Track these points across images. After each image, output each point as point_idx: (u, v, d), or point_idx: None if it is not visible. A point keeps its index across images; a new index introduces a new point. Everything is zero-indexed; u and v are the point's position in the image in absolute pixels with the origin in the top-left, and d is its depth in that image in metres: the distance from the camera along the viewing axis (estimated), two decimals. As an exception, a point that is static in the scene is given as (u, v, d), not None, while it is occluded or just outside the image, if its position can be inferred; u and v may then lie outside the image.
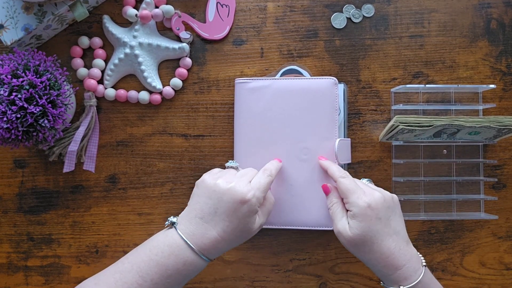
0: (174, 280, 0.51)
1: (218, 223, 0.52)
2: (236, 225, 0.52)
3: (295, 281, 0.68)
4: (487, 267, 0.69)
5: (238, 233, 0.53)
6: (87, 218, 0.69)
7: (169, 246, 0.52)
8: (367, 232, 0.52)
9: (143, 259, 0.52)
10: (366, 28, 0.68)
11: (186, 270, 0.52)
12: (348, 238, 0.53)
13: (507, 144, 0.69)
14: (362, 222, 0.52)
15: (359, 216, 0.52)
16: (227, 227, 0.52)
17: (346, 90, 0.67)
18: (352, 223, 0.53)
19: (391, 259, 0.52)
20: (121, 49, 0.66)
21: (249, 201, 0.52)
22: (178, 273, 0.51)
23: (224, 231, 0.52)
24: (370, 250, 0.52)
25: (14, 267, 0.69)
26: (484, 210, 0.69)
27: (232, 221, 0.52)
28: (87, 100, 0.67)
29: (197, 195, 0.55)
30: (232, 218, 0.52)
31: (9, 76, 0.56)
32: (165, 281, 0.51)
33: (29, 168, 0.69)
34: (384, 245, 0.52)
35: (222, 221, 0.52)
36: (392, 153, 0.68)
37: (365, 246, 0.52)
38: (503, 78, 0.68)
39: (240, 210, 0.52)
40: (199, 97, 0.68)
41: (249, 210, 0.52)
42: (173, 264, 0.51)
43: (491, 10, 0.68)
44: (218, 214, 0.52)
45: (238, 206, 0.52)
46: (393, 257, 0.52)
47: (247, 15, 0.68)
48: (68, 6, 0.61)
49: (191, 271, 0.52)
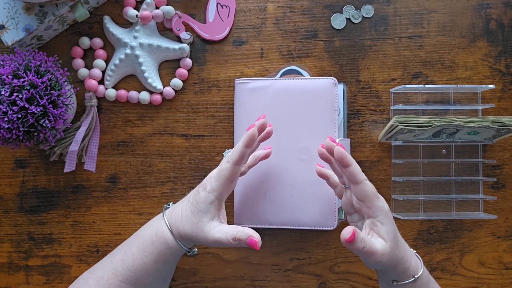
0: (151, 254, 0.52)
1: (185, 202, 0.54)
2: (192, 208, 0.52)
3: (295, 281, 0.68)
4: (486, 267, 0.69)
5: (191, 220, 0.52)
6: (87, 218, 0.69)
7: (153, 220, 0.56)
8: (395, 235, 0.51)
9: (132, 237, 0.55)
10: (366, 29, 0.68)
11: (159, 243, 0.52)
12: (388, 251, 0.49)
13: (506, 144, 0.69)
14: (389, 226, 0.50)
15: (386, 222, 0.50)
16: (186, 206, 0.53)
17: (346, 90, 0.67)
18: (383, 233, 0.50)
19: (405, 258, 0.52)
20: (121, 50, 0.66)
21: (205, 187, 0.53)
22: (153, 246, 0.52)
23: (183, 208, 0.53)
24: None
25: (15, 266, 0.69)
26: (483, 210, 0.69)
27: (190, 202, 0.53)
28: (88, 101, 0.67)
29: None
30: (192, 200, 0.53)
31: (10, 76, 0.56)
32: (143, 255, 0.52)
33: (30, 168, 0.69)
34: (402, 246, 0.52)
35: (187, 200, 0.54)
36: (391, 153, 0.68)
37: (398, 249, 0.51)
38: (502, 78, 0.69)
39: (199, 194, 0.53)
40: (199, 97, 0.69)
41: (205, 197, 0.52)
42: (149, 234, 0.53)
43: (490, 11, 0.68)
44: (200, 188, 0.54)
45: (200, 190, 0.53)
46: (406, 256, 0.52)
47: (247, 15, 0.68)
48: (69, 7, 0.61)
49: (164, 249, 0.53)
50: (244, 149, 0.52)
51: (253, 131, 0.52)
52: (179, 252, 0.54)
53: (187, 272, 0.69)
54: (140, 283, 0.53)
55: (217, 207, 0.53)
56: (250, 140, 0.52)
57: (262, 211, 0.64)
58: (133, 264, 0.53)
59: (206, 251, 0.69)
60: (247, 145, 0.52)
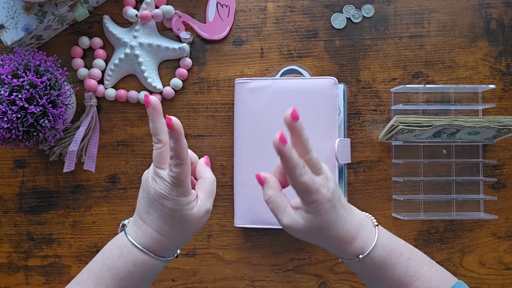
0: (129, 283, 0.48)
1: (153, 220, 0.47)
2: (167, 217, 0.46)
3: (295, 281, 0.68)
4: (487, 267, 0.69)
5: (177, 226, 0.47)
6: (87, 218, 0.69)
7: (118, 247, 0.49)
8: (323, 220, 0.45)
9: (98, 265, 0.49)
10: (366, 29, 0.68)
11: (139, 272, 0.48)
12: (301, 228, 0.46)
13: (506, 144, 0.69)
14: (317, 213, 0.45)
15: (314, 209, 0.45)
16: (161, 223, 0.47)
17: (346, 90, 0.67)
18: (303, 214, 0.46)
19: (346, 235, 0.46)
20: (121, 49, 0.66)
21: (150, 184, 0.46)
22: (131, 275, 0.48)
23: (160, 228, 0.47)
24: (324, 236, 0.47)
25: (14, 266, 0.69)
26: (484, 210, 0.69)
27: (159, 213, 0.46)
28: (87, 100, 0.67)
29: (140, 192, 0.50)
30: (157, 209, 0.46)
31: (10, 76, 0.56)
32: (119, 285, 0.48)
33: (29, 168, 0.69)
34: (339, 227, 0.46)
35: (154, 215, 0.47)
36: (391, 153, 0.68)
37: (320, 232, 0.46)
38: (502, 78, 0.68)
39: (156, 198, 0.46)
40: (199, 97, 0.68)
41: (160, 195, 0.45)
42: (124, 266, 0.48)
43: (491, 10, 0.68)
44: (151, 209, 0.47)
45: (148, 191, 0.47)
46: (348, 232, 0.46)
47: (247, 15, 0.68)
48: (68, 7, 0.61)
49: (145, 272, 0.48)
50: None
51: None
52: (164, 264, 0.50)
53: (187, 272, 0.68)
54: None
55: None
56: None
57: (262, 211, 0.63)
58: None
59: (206, 252, 0.69)
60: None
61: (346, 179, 0.67)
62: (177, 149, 0.44)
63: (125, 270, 0.48)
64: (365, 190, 0.68)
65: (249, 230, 0.68)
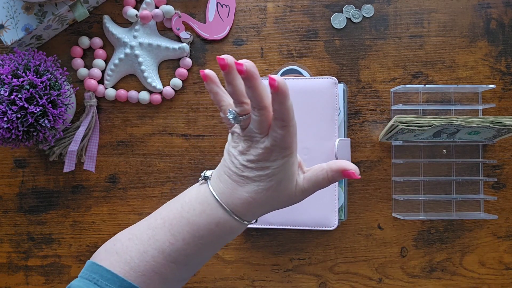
0: (208, 241, 0.46)
1: (247, 182, 0.44)
2: (268, 184, 0.44)
3: (295, 281, 0.68)
4: (487, 267, 0.69)
5: (273, 193, 0.44)
6: (87, 218, 0.69)
7: (201, 203, 0.46)
8: None
9: (175, 216, 0.46)
10: (366, 28, 0.68)
11: (220, 231, 0.45)
12: None
13: (506, 144, 0.69)
14: None
15: None
16: (258, 187, 0.44)
17: (346, 90, 0.67)
18: None
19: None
20: (121, 49, 0.66)
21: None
22: (211, 234, 0.45)
23: (255, 191, 0.44)
24: None
25: (14, 266, 0.69)
26: (484, 210, 0.69)
27: (262, 179, 0.44)
28: (87, 100, 0.67)
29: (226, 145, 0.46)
30: None
31: (10, 76, 0.56)
32: (197, 242, 0.45)
33: (29, 168, 0.69)
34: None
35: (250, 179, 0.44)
36: (391, 153, 0.68)
37: None
38: (502, 78, 0.68)
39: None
40: (199, 97, 0.68)
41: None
42: (205, 224, 0.45)
43: (491, 10, 0.68)
44: None
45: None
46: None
47: (247, 15, 0.68)
48: (68, 6, 0.61)
49: (226, 233, 0.46)
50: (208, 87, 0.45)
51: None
52: (245, 227, 0.47)
53: (187, 272, 0.68)
54: (193, 263, 0.47)
55: None
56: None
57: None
58: (185, 249, 0.46)
59: (206, 251, 0.69)
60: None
61: (346, 179, 0.67)
62: (283, 111, 0.41)
63: (207, 228, 0.45)
64: (365, 190, 0.68)
65: (249, 230, 0.68)
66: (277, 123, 0.42)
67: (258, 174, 0.44)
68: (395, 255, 0.68)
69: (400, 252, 0.68)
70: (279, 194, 0.45)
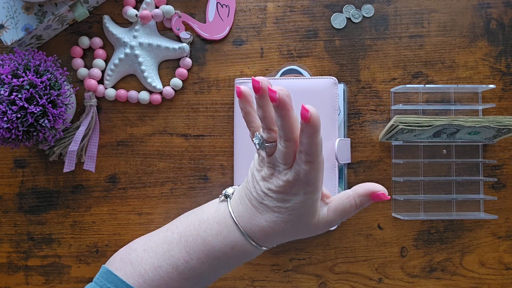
0: (223, 262, 0.45)
1: (267, 211, 0.43)
2: (287, 217, 0.42)
3: (295, 281, 0.68)
4: (487, 267, 0.69)
5: (293, 227, 0.43)
6: (87, 218, 0.69)
7: (218, 223, 0.45)
8: None
9: (192, 233, 0.45)
10: (366, 28, 0.68)
11: (234, 256, 0.45)
12: None
13: (506, 144, 0.69)
14: None
15: None
16: (277, 218, 0.43)
17: (346, 90, 0.67)
18: None
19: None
20: (121, 49, 0.66)
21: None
22: (225, 256, 0.45)
23: (273, 222, 0.43)
24: None
25: (14, 266, 0.69)
26: (484, 210, 0.69)
27: (281, 211, 0.42)
28: (87, 100, 0.67)
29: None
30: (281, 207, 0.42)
31: (10, 76, 0.56)
32: (212, 262, 0.45)
33: (29, 168, 0.69)
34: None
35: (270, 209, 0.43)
36: (391, 153, 0.68)
37: None
38: (502, 78, 0.68)
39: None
40: (199, 97, 0.68)
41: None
42: (221, 246, 0.44)
43: (491, 10, 0.68)
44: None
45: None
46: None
47: (247, 15, 0.68)
48: (68, 6, 0.61)
49: (241, 257, 0.45)
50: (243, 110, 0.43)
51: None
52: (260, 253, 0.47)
53: (187, 272, 0.68)
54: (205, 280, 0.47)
55: None
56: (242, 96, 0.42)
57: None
58: (199, 268, 0.45)
59: (206, 251, 0.69)
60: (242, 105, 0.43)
61: (346, 179, 0.67)
62: (311, 145, 0.38)
63: (222, 251, 0.44)
64: (365, 190, 0.68)
65: (249, 230, 0.68)
66: (302, 157, 0.39)
67: (278, 206, 0.42)
68: (395, 255, 0.68)
69: (400, 252, 0.68)
70: (299, 227, 0.43)
